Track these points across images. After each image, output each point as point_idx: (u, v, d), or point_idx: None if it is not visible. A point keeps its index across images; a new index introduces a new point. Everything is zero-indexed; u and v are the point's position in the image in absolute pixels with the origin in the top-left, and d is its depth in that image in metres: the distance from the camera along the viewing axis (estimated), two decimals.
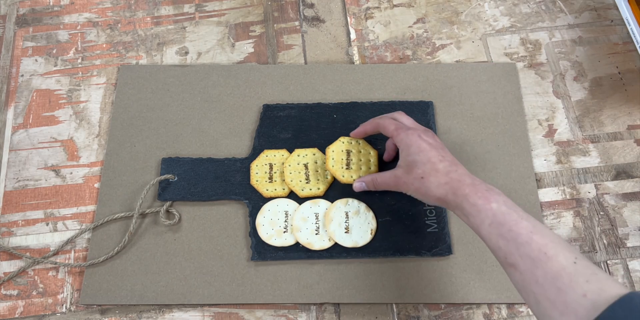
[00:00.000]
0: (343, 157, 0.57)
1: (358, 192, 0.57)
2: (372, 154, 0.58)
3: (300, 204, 0.57)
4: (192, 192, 0.58)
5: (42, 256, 0.56)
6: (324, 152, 0.59)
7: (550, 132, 0.62)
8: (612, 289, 0.33)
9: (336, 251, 0.55)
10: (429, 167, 0.46)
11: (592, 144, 0.61)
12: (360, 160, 0.57)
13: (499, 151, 0.60)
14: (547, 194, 0.59)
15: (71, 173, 0.61)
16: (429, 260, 0.55)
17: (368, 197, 0.57)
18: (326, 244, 0.55)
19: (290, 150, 0.59)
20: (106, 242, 0.56)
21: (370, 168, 0.57)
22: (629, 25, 0.66)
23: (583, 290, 0.33)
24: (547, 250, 0.37)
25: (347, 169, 0.56)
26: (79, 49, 0.67)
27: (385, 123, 0.51)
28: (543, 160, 0.60)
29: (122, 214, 0.57)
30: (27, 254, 0.57)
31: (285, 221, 0.56)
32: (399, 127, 0.50)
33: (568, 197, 0.59)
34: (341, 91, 0.63)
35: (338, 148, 0.57)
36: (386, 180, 0.51)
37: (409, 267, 0.55)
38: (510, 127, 0.61)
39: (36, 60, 0.67)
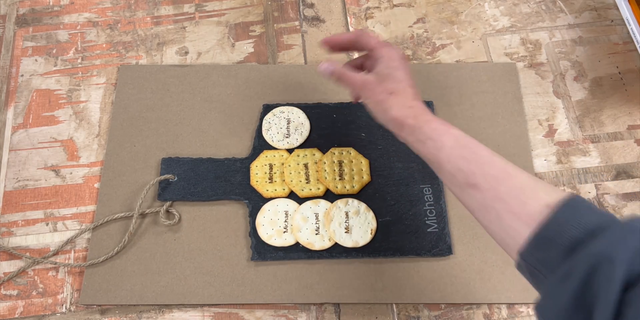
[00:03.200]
0: (335, 168, 0.57)
1: (358, 191, 0.57)
2: (364, 163, 0.58)
3: (300, 204, 0.57)
4: (192, 192, 0.58)
5: (42, 256, 0.56)
6: (324, 152, 0.59)
7: (551, 132, 0.62)
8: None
9: (336, 251, 0.55)
10: (403, 86, 0.45)
11: (593, 144, 0.61)
12: (353, 170, 0.58)
13: (499, 151, 0.58)
14: None
15: (71, 173, 0.61)
16: (429, 260, 0.55)
17: (368, 197, 0.57)
18: (326, 244, 0.55)
19: (290, 150, 0.59)
20: (106, 242, 0.56)
21: (362, 177, 0.57)
22: (629, 25, 0.66)
23: (546, 201, 0.34)
24: (509, 169, 0.38)
25: (340, 179, 0.57)
26: (79, 49, 0.67)
27: (368, 35, 0.49)
28: (543, 160, 0.60)
29: (122, 214, 0.57)
30: (27, 254, 0.57)
31: (285, 221, 0.56)
32: (382, 41, 0.49)
33: None
34: (341, 91, 0.63)
35: (330, 159, 0.57)
36: (354, 79, 0.48)
37: (409, 267, 0.55)
38: (510, 127, 0.61)
39: (36, 60, 0.67)
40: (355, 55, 0.67)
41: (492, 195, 0.37)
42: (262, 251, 0.55)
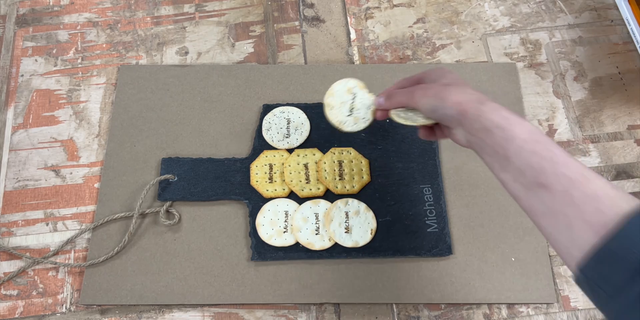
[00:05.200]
0: (335, 168, 0.57)
1: (358, 191, 0.57)
2: (364, 163, 0.58)
3: (300, 204, 0.57)
4: (192, 192, 0.58)
5: (42, 256, 0.56)
6: (324, 152, 0.59)
7: (551, 132, 0.62)
8: None
9: (336, 251, 0.55)
10: (459, 82, 0.43)
11: (592, 144, 0.61)
12: (353, 170, 0.58)
13: None
14: None
15: (71, 173, 0.61)
16: (429, 260, 0.55)
17: (368, 197, 0.57)
18: (326, 244, 0.55)
19: (290, 150, 0.59)
20: (106, 242, 0.56)
21: (362, 177, 0.57)
22: (629, 25, 0.66)
23: (625, 211, 0.31)
24: (585, 173, 0.33)
25: (340, 179, 0.57)
26: (79, 49, 0.67)
27: (407, 78, 0.47)
28: None
29: (122, 214, 0.57)
30: (27, 254, 0.57)
31: (285, 221, 0.56)
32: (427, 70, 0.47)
33: None
34: None
35: (330, 159, 0.57)
36: (403, 91, 0.45)
37: (409, 267, 0.55)
38: None
39: (36, 60, 0.67)
40: (355, 55, 0.67)
41: (564, 199, 0.33)
42: (262, 251, 0.55)
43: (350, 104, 0.51)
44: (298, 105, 0.62)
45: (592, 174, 0.33)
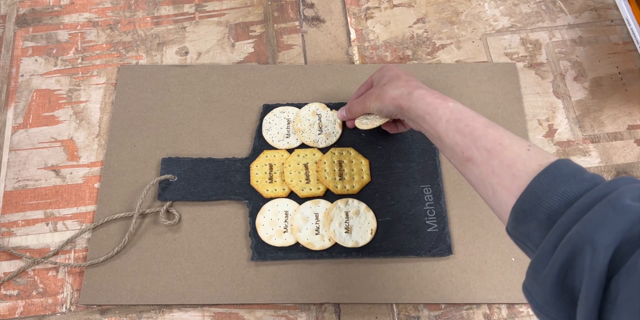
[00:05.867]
0: (335, 168, 0.57)
1: (359, 191, 0.57)
2: (364, 163, 0.58)
3: (300, 204, 0.57)
4: (192, 192, 0.58)
5: (42, 256, 0.56)
6: (324, 152, 0.59)
7: (551, 132, 0.62)
8: None
9: (336, 251, 0.55)
10: (394, 77, 0.48)
11: (592, 144, 0.61)
12: (353, 170, 0.58)
13: None
14: None
15: (71, 173, 0.61)
16: (429, 260, 0.55)
17: (368, 197, 0.57)
18: (326, 244, 0.55)
19: (290, 150, 0.59)
20: (106, 242, 0.56)
21: (362, 177, 0.57)
22: (629, 25, 0.66)
23: (535, 172, 0.33)
24: (502, 140, 0.37)
25: (340, 179, 0.57)
26: (79, 49, 0.67)
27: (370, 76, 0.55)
28: None
29: (122, 214, 0.57)
30: (27, 254, 0.57)
31: (285, 221, 0.56)
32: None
33: None
34: (341, 91, 0.63)
35: (330, 159, 0.57)
36: (357, 101, 0.53)
37: (409, 267, 0.55)
38: (510, 127, 0.61)
39: (36, 60, 0.67)
40: (355, 55, 0.67)
41: (486, 169, 0.36)
42: (262, 251, 0.55)
43: (318, 124, 0.60)
44: (298, 105, 0.62)
45: (510, 140, 0.36)
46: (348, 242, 0.55)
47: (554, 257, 0.29)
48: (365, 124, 0.54)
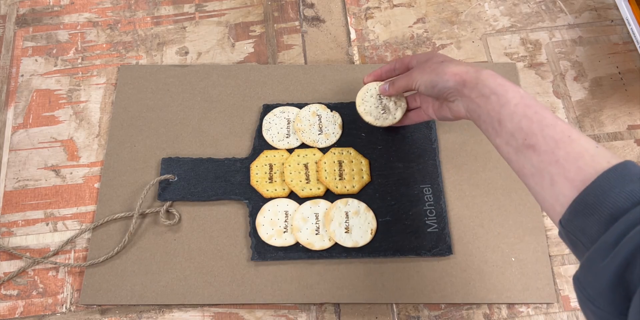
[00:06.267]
0: (335, 168, 0.57)
1: (359, 191, 0.57)
2: (364, 163, 0.58)
3: (300, 204, 0.57)
4: (192, 192, 0.58)
5: (42, 256, 0.56)
6: (324, 152, 0.59)
7: None
8: None
9: (336, 251, 0.55)
10: (450, 58, 0.47)
11: None
12: (353, 170, 0.58)
13: None
14: None
15: (71, 173, 0.61)
16: (429, 260, 0.55)
17: (368, 197, 0.57)
18: (326, 244, 0.55)
19: (290, 150, 0.59)
20: (106, 242, 0.56)
21: (362, 177, 0.57)
22: (629, 25, 0.66)
23: (603, 168, 0.33)
24: (570, 133, 0.36)
25: (340, 179, 0.57)
26: (79, 49, 0.67)
27: (402, 59, 0.54)
28: None
29: (122, 214, 0.57)
30: (27, 254, 0.57)
31: (285, 221, 0.56)
32: (414, 54, 0.53)
33: None
34: (341, 91, 0.63)
35: (330, 159, 0.57)
36: (402, 77, 0.51)
37: (409, 267, 0.55)
38: None
39: (36, 60, 0.67)
40: (355, 55, 0.67)
41: (549, 158, 0.35)
42: (262, 251, 0.55)
43: (318, 125, 0.60)
44: (298, 105, 0.62)
45: (578, 135, 0.36)
46: (348, 242, 0.55)
47: (616, 250, 0.29)
48: (376, 118, 0.55)
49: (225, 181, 0.58)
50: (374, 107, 0.56)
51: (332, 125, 0.60)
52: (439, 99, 0.49)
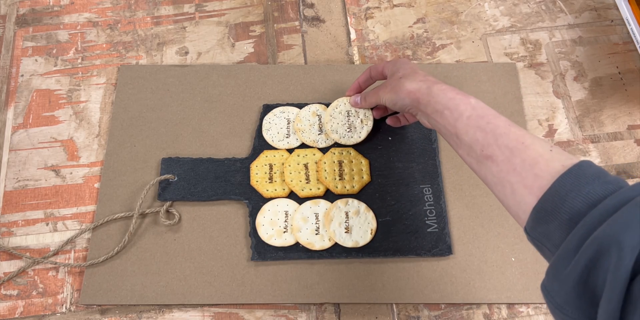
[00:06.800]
0: (335, 168, 0.57)
1: (359, 191, 0.57)
2: (364, 163, 0.58)
3: (300, 204, 0.57)
4: (192, 192, 0.58)
5: (42, 256, 0.56)
6: (324, 152, 0.59)
7: (551, 132, 0.62)
8: None
9: (336, 251, 0.55)
10: (410, 71, 0.47)
11: (592, 144, 0.61)
12: (353, 170, 0.58)
13: None
14: None
15: (71, 173, 0.61)
16: (429, 260, 0.55)
17: (368, 197, 0.57)
18: (326, 244, 0.55)
19: (290, 150, 0.59)
20: (106, 242, 0.56)
21: (362, 177, 0.57)
22: (629, 25, 0.66)
23: (558, 172, 0.33)
24: (524, 140, 0.36)
25: (340, 179, 0.57)
26: (79, 49, 0.67)
27: (375, 66, 0.54)
28: None
29: (122, 214, 0.57)
30: (27, 254, 0.57)
31: (285, 221, 0.56)
32: (386, 61, 0.53)
33: None
34: (341, 91, 0.63)
35: (330, 159, 0.57)
36: (371, 93, 0.52)
37: (409, 267, 0.55)
38: None
39: (36, 60, 0.67)
40: (355, 55, 0.67)
41: (507, 167, 0.36)
42: (262, 251, 0.55)
43: (318, 124, 0.60)
44: (298, 105, 0.62)
45: (532, 140, 0.36)
46: (348, 242, 0.55)
47: (577, 257, 0.29)
48: (341, 136, 0.58)
49: (225, 181, 0.58)
50: (341, 124, 0.58)
51: None
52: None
